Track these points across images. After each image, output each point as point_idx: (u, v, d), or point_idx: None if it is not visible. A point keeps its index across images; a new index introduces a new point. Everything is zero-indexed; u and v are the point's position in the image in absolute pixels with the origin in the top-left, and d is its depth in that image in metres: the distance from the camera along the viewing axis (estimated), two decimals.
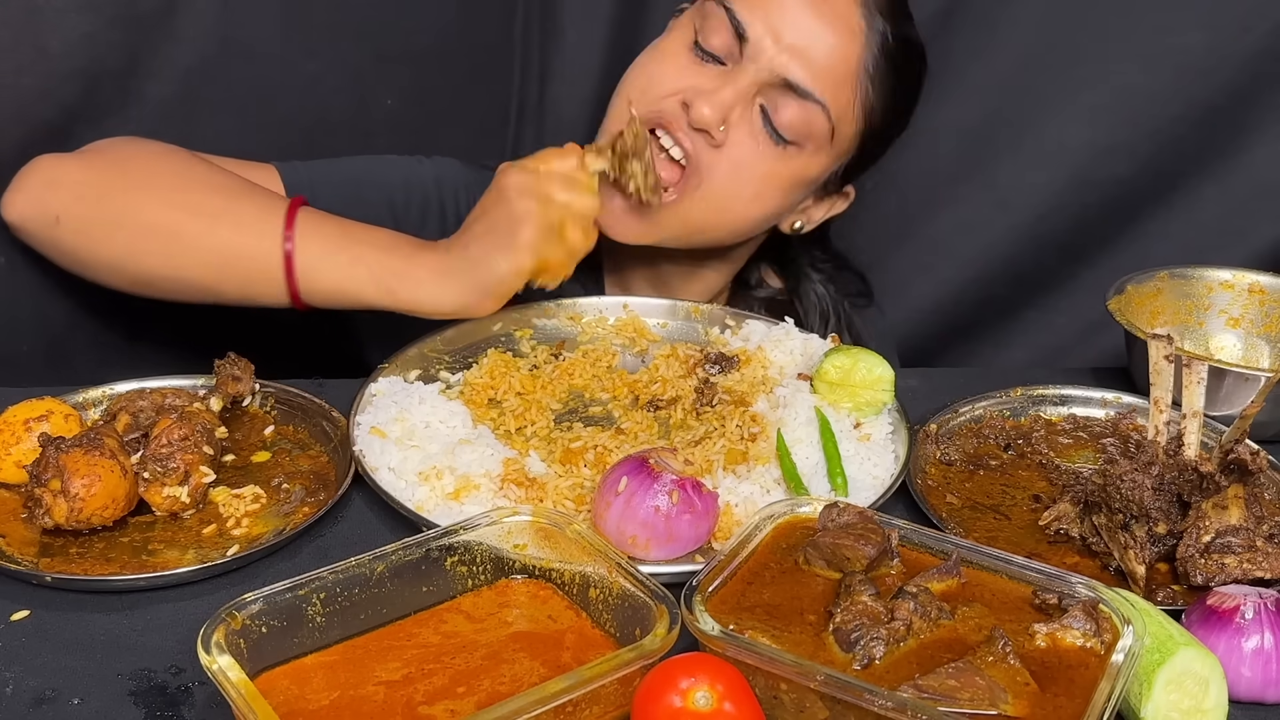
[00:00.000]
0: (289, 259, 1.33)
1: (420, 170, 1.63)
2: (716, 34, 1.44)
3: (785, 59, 1.42)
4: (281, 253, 1.33)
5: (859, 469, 1.23)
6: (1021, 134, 2.12)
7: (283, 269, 1.33)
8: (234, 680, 0.85)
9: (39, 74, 1.59)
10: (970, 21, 2.05)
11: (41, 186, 1.37)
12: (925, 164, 2.15)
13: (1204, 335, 1.58)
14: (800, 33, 1.42)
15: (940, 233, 2.21)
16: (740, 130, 1.44)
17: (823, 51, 1.43)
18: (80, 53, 1.59)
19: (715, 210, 1.48)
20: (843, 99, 1.46)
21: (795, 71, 1.42)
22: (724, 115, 1.42)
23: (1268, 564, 1.07)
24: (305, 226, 1.34)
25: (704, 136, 1.43)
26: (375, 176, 1.61)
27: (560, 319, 1.52)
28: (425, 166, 1.64)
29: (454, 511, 1.14)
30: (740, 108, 1.43)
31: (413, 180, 1.62)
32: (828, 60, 1.43)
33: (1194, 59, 2.04)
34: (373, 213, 1.45)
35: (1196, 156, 2.12)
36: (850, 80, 1.45)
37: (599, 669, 0.88)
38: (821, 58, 1.43)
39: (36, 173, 1.38)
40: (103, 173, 1.38)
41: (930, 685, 0.88)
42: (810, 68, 1.43)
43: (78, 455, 1.08)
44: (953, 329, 2.28)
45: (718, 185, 1.46)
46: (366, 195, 1.56)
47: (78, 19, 1.57)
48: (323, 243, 1.34)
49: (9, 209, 1.38)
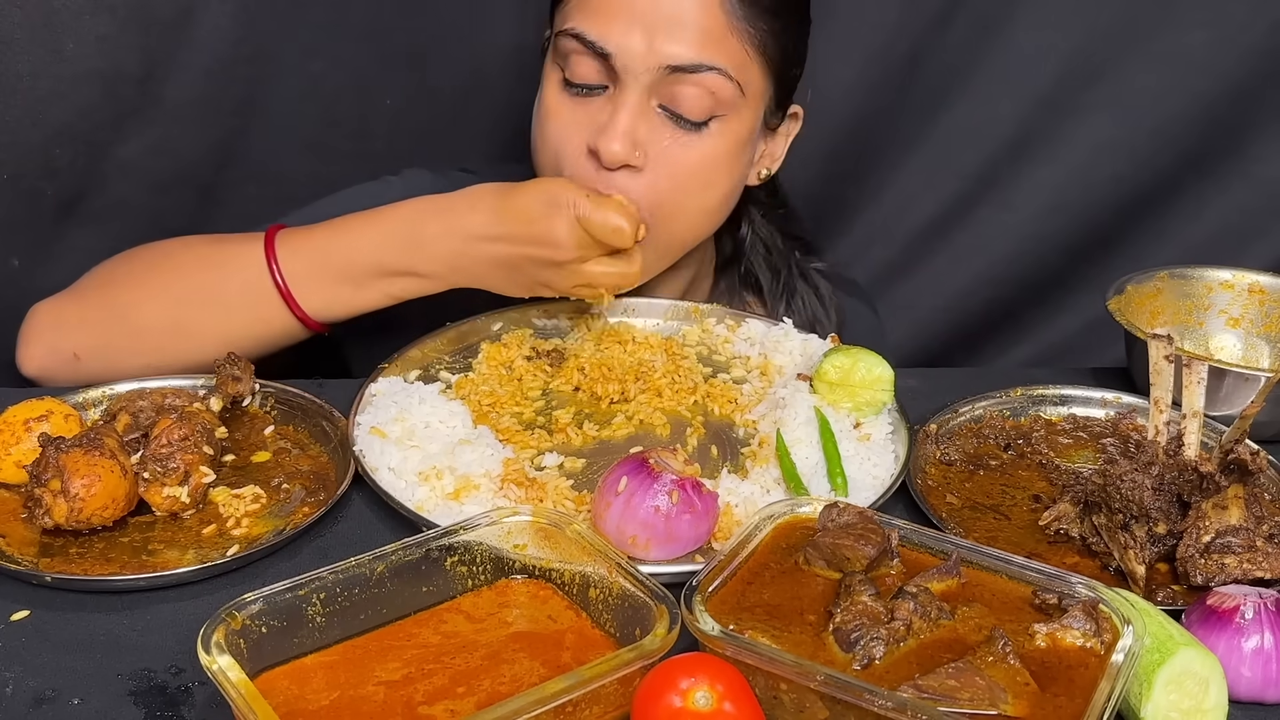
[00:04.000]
0: (297, 310, 1.37)
1: (388, 194, 1.54)
2: (580, 65, 1.37)
3: (657, 49, 1.33)
4: (289, 310, 1.36)
5: (859, 469, 1.23)
6: (1022, 134, 2.12)
7: (289, 311, 1.37)
8: (234, 680, 0.85)
9: (54, 76, 1.60)
10: (972, 23, 2.05)
11: (50, 333, 1.40)
12: (926, 164, 2.16)
13: (1204, 335, 1.58)
14: (656, 15, 1.33)
15: (941, 233, 2.21)
16: (655, 141, 1.37)
17: (687, 17, 1.33)
18: (96, 55, 1.60)
19: (675, 223, 1.43)
20: (731, 49, 1.36)
21: (674, 54, 1.33)
22: (632, 140, 1.35)
23: (1268, 564, 1.07)
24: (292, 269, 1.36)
25: (626, 170, 1.37)
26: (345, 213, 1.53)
27: (560, 319, 1.52)
28: (392, 189, 1.57)
29: (454, 511, 1.14)
30: (642, 122, 1.36)
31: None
32: (696, 23, 1.33)
33: (1196, 58, 2.04)
34: None
35: (1198, 156, 2.12)
36: (726, 28, 1.35)
37: (599, 669, 0.88)
38: (690, 24, 1.33)
39: (39, 323, 1.41)
40: (97, 301, 1.41)
41: (930, 685, 0.88)
42: (685, 40, 1.33)
43: (78, 455, 1.08)
44: (954, 329, 2.28)
45: (664, 202, 1.39)
46: None
47: (93, 21, 1.57)
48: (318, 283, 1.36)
49: (28, 364, 1.40)
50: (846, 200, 2.21)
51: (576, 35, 1.35)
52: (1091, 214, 2.17)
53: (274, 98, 1.78)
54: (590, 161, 1.38)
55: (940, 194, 2.18)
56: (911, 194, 2.19)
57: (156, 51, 1.66)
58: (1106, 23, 2.03)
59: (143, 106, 1.68)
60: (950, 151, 2.14)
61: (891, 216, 2.21)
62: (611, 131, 1.35)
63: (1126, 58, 2.05)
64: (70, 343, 1.38)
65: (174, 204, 1.82)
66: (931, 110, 2.12)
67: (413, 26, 1.84)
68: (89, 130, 1.68)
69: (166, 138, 1.75)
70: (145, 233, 1.83)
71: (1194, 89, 2.06)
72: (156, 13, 1.63)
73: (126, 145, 1.74)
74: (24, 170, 1.63)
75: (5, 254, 1.75)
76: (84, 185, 1.75)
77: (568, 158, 1.39)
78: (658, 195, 1.38)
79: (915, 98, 2.11)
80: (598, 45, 1.34)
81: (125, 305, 1.39)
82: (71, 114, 1.62)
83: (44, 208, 1.74)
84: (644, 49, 1.33)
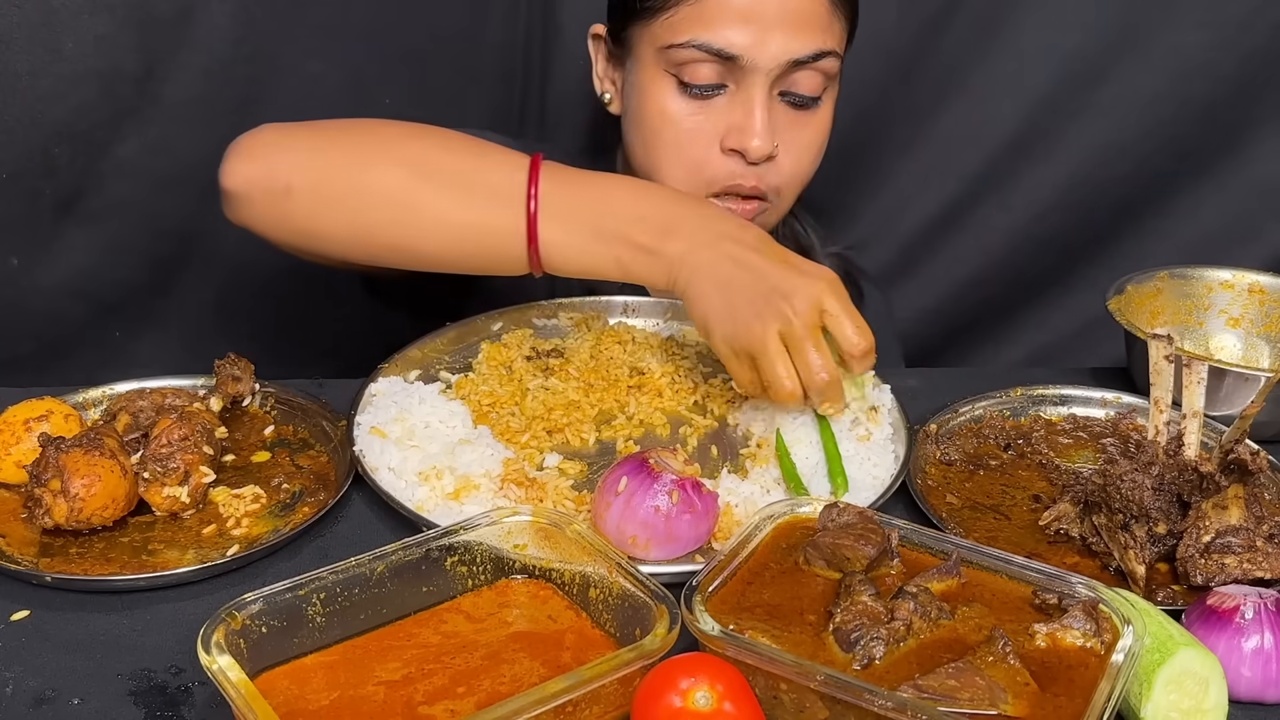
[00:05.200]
0: (533, 237, 1.23)
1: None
2: (700, 69, 1.39)
3: (779, 46, 1.37)
4: (525, 231, 1.23)
5: (859, 469, 1.23)
6: (1021, 134, 2.13)
7: (525, 247, 1.24)
8: (234, 680, 0.85)
9: (54, 75, 1.60)
10: (970, 24, 2.05)
11: (271, 152, 1.27)
12: (925, 164, 2.16)
13: (1204, 335, 1.58)
14: (772, 14, 1.36)
15: (941, 233, 2.21)
16: (784, 126, 1.43)
17: (801, 9, 1.37)
18: (95, 54, 1.60)
19: (789, 201, 1.50)
20: (836, 30, 1.42)
21: (794, 48, 1.37)
22: (771, 134, 1.40)
23: (1268, 564, 1.07)
24: (549, 198, 1.23)
25: (767, 161, 1.43)
26: None
27: (560, 319, 1.52)
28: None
29: (454, 511, 1.14)
30: (772, 113, 1.41)
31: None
32: (808, 15, 1.38)
33: (1194, 58, 2.04)
34: None
35: (1197, 156, 2.13)
36: (830, 11, 1.40)
37: (599, 669, 0.88)
38: (803, 17, 1.37)
39: (262, 139, 1.28)
40: (334, 140, 1.28)
41: (930, 685, 0.88)
42: (802, 34, 1.37)
43: (78, 455, 1.08)
44: (954, 328, 2.29)
45: (797, 178, 1.47)
46: None
47: (92, 20, 1.58)
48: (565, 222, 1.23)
49: (232, 176, 1.27)
50: (846, 200, 2.21)
51: (700, 46, 1.38)
52: (1090, 214, 2.17)
53: (273, 98, 1.78)
54: (731, 159, 1.42)
55: (939, 194, 2.19)
56: (911, 194, 2.19)
57: (155, 51, 1.66)
58: (1106, 23, 2.04)
59: (141, 106, 1.68)
60: (949, 151, 2.14)
61: (891, 216, 2.22)
62: (752, 130, 1.39)
63: (1125, 58, 2.05)
64: (289, 171, 1.25)
65: (173, 203, 1.83)
66: (931, 110, 2.12)
67: (412, 26, 1.84)
68: (88, 130, 1.68)
69: (165, 137, 1.75)
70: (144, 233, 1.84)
71: (1193, 89, 2.07)
72: (156, 12, 1.63)
73: (125, 145, 1.74)
74: (23, 169, 1.64)
75: (4, 253, 1.75)
76: (82, 184, 1.75)
77: (709, 164, 1.43)
78: (793, 175, 1.46)
79: (914, 97, 2.11)
80: (725, 52, 1.37)
81: (366, 154, 1.26)
82: (70, 113, 1.62)
83: (42, 207, 1.75)
84: (767, 48, 1.37)
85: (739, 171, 1.43)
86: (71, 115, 1.64)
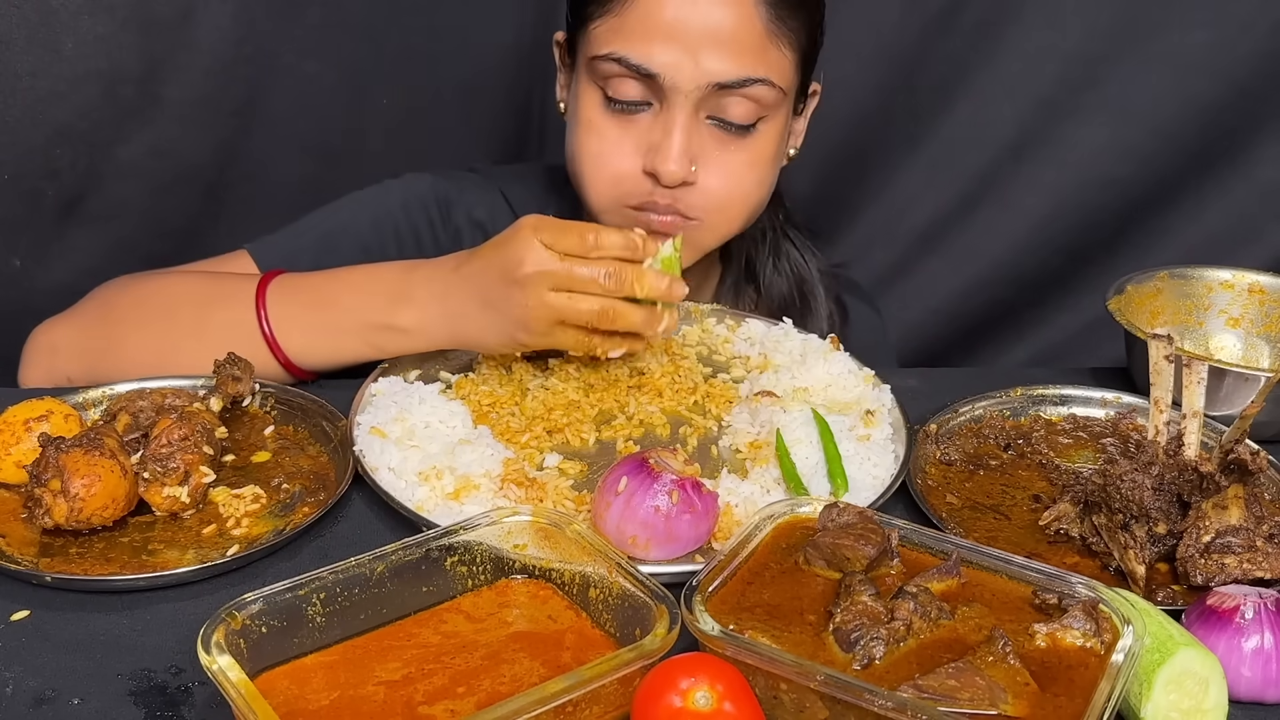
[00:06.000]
0: (277, 351, 1.35)
1: (387, 200, 1.57)
2: (623, 84, 1.38)
3: (702, 68, 1.34)
4: (268, 346, 1.35)
5: (859, 469, 1.23)
6: (1023, 135, 2.13)
7: (275, 359, 1.35)
8: (234, 680, 0.85)
9: (54, 76, 1.60)
10: (972, 24, 2.05)
11: (46, 357, 1.42)
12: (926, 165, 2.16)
13: (1204, 335, 1.58)
14: (697, 34, 1.33)
15: (942, 233, 2.22)
16: (707, 150, 1.40)
17: (727, 33, 1.33)
18: (96, 55, 1.60)
19: (723, 223, 1.46)
20: (771, 58, 1.37)
21: (719, 71, 1.34)
22: (688, 159, 1.38)
23: (1268, 564, 1.07)
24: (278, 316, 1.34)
25: (683, 185, 1.40)
26: (343, 224, 1.56)
27: None
28: (392, 194, 1.58)
29: (454, 511, 1.14)
30: (694, 136, 1.38)
31: (380, 215, 1.57)
32: (737, 38, 1.34)
33: (1196, 59, 2.05)
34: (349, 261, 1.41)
35: (1199, 156, 2.13)
36: (765, 37, 1.36)
37: (599, 669, 0.88)
38: (730, 40, 1.34)
39: (37, 346, 1.43)
40: (92, 330, 1.42)
41: (930, 685, 0.88)
42: (730, 56, 1.34)
43: (78, 455, 1.08)
44: (956, 329, 2.29)
45: (722, 205, 1.43)
46: (339, 245, 1.52)
47: (91, 21, 1.58)
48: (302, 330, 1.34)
49: (27, 384, 1.43)
50: (847, 201, 2.21)
51: (619, 60, 1.36)
52: (1091, 215, 2.18)
53: (273, 98, 1.78)
54: (648, 180, 1.40)
55: (940, 194, 2.19)
56: (912, 194, 2.19)
57: (156, 51, 1.66)
58: (1107, 24, 2.04)
59: (143, 107, 1.69)
60: (950, 152, 2.14)
61: (892, 217, 2.22)
62: (668, 153, 1.37)
63: (1127, 59, 2.06)
64: (64, 368, 1.41)
65: (174, 204, 1.83)
66: (932, 111, 2.13)
67: (412, 26, 1.84)
68: (89, 130, 1.68)
69: (166, 138, 1.76)
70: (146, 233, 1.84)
71: (1194, 90, 2.07)
72: (156, 13, 1.63)
73: (127, 145, 1.74)
74: (24, 170, 1.64)
75: (6, 254, 1.75)
76: (84, 185, 1.75)
77: (626, 180, 1.41)
78: (716, 200, 1.42)
79: (916, 98, 2.11)
80: (643, 68, 1.35)
81: (116, 337, 1.39)
82: (71, 114, 1.62)
83: (44, 208, 1.75)
84: (689, 69, 1.34)
85: (656, 190, 1.40)
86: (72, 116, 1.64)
